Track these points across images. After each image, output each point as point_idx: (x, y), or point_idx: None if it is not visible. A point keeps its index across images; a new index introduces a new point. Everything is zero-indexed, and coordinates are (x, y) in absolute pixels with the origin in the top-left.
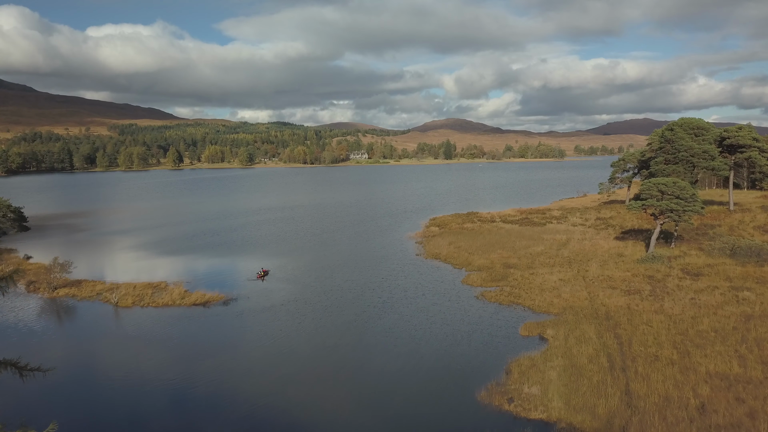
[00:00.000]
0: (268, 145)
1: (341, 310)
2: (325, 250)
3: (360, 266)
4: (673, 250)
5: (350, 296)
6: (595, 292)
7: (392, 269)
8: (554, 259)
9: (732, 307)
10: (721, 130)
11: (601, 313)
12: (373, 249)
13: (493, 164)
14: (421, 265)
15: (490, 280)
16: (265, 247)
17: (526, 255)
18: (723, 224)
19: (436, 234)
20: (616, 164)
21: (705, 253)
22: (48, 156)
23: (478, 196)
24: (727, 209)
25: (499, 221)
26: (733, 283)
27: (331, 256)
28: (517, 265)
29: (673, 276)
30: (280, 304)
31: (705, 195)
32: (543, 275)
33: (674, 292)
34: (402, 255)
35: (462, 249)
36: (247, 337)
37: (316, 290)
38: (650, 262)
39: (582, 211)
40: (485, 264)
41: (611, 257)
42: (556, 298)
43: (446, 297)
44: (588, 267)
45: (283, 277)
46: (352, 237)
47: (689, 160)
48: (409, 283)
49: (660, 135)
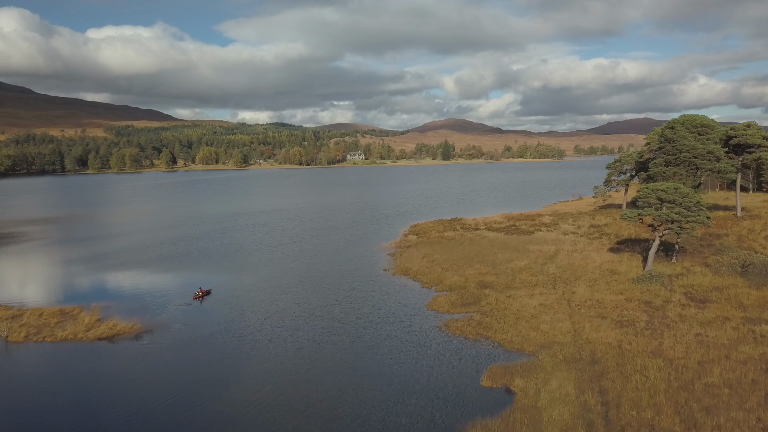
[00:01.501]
0: (264, 146)
1: (276, 344)
2: (284, 265)
3: (318, 284)
4: (675, 265)
5: (292, 325)
6: (580, 323)
7: (352, 288)
8: (537, 277)
9: (748, 347)
10: (728, 128)
11: (585, 354)
12: (339, 262)
13: (491, 165)
14: (387, 284)
15: (459, 304)
16: (220, 260)
17: (506, 271)
18: (730, 233)
19: (412, 244)
20: (612, 166)
21: (712, 271)
22: (39, 158)
23: (468, 199)
24: (734, 215)
25: (484, 229)
26: (747, 312)
27: (289, 272)
28: (495, 285)
29: (675, 302)
30: (204, 336)
31: (708, 198)
32: (522, 298)
33: (676, 324)
34: (368, 270)
35: (436, 263)
36: (146, 388)
37: (256, 316)
38: (648, 283)
39: (575, 217)
40: (458, 282)
41: (603, 275)
42: (533, 330)
43: (404, 327)
44: (575, 288)
45: (224, 298)
46: (321, 247)
47: (692, 161)
48: (365, 308)
49: (659, 134)
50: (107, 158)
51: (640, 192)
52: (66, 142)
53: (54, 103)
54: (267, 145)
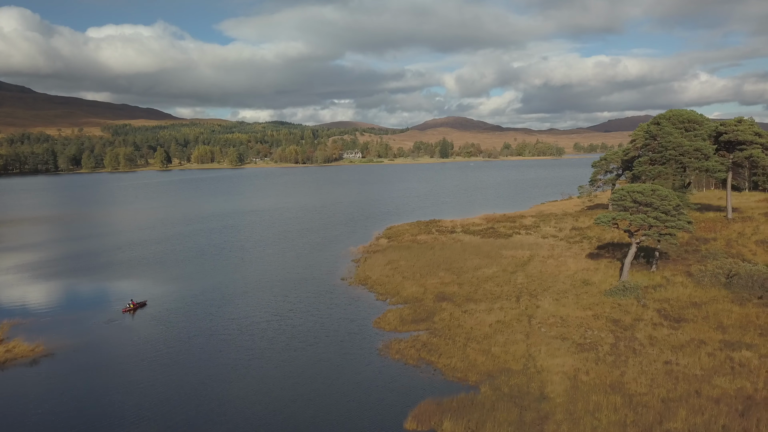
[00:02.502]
0: (261, 144)
1: (190, 371)
2: (238, 272)
3: (264, 295)
4: (654, 275)
5: (217, 346)
6: (537, 346)
7: (299, 300)
8: (502, 288)
9: (724, 379)
10: (717, 124)
11: (533, 388)
12: (297, 269)
13: (488, 163)
14: (339, 295)
15: (410, 320)
16: (172, 267)
17: (471, 280)
18: (719, 237)
19: (381, 249)
20: (597, 164)
21: (693, 281)
22: (31, 157)
23: (456, 198)
24: (725, 217)
25: (460, 232)
26: (727, 335)
27: (240, 280)
28: (454, 296)
29: (646, 320)
30: (112, 359)
31: (701, 198)
32: (479, 314)
33: (644, 348)
34: (325, 279)
35: (399, 271)
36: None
37: (181, 335)
38: (620, 296)
39: (559, 219)
40: (416, 294)
41: (574, 285)
42: (483, 354)
43: (341, 348)
44: (540, 301)
45: (157, 312)
46: (284, 252)
47: (678, 159)
48: (306, 325)
49: (645, 130)
50: (101, 157)
51: (615, 194)
52: (62, 142)
53: (52, 102)
54: (264, 144)
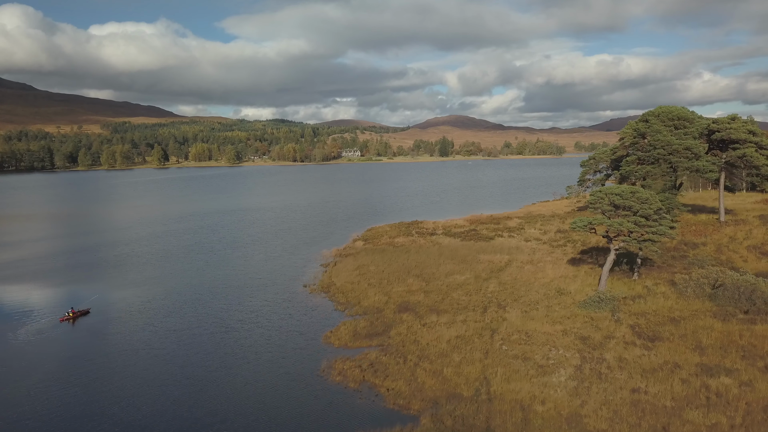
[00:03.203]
0: (260, 143)
1: (105, 389)
2: (197, 276)
3: (217, 303)
4: (635, 283)
5: (146, 361)
6: (494, 367)
7: (254, 310)
8: (471, 297)
9: (697, 413)
10: (710, 121)
11: (480, 420)
12: (260, 274)
13: (487, 162)
14: (297, 304)
15: (364, 335)
16: (130, 270)
17: (440, 288)
18: (709, 241)
19: (354, 252)
20: (586, 164)
21: (676, 292)
22: (27, 155)
23: (447, 198)
24: (717, 220)
25: (441, 234)
26: (705, 357)
27: (196, 286)
28: (418, 306)
29: (618, 338)
30: (20, 380)
31: (695, 199)
32: (439, 327)
33: (611, 372)
34: (287, 285)
35: (366, 277)
36: None
37: (114, 347)
38: (594, 308)
39: (546, 220)
40: (377, 303)
41: (548, 295)
42: (433, 377)
43: (281, 368)
44: (508, 312)
45: (95, 322)
46: (252, 255)
47: (667, 159)
48: (250, 339)
49: (633, 128)
50: (98, 155)
51: (592, 196)
52: (59, 139)
53: (53, 100)
54: (263, 142)
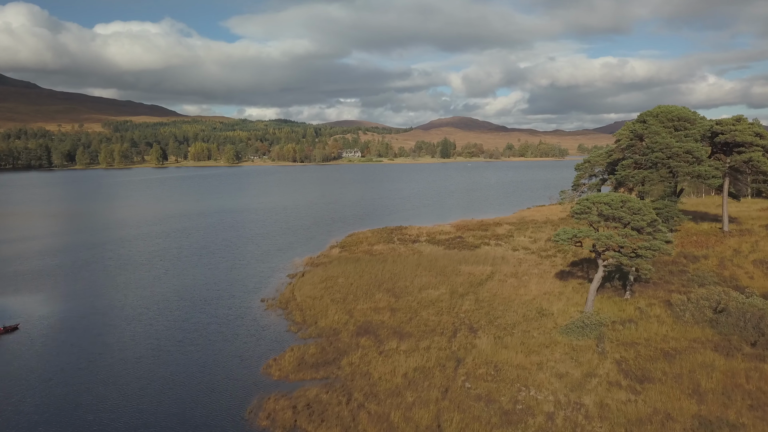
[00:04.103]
0: (260, 143)
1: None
2: (151, 288)
3: (160, 321)
4: (626, 303)
5: (58, 390)
6: (450, 412)
7: (198, 329)
8: (441, 318)
9: None
10: (713, 123)
11: None
12: (220, 286)
13: (488, 163)
14: (248, 323)
15: (310, 364)
16: (79, 279)
17: (410, 305)
18: (711, 254)
19: (327, 261)
20: (580, 167)
21: (673, 316)
22: (25, 153)
23: (439, 201)
24: (720, 229)
25: (424, 241)
26: (704, 406)
27: (145, 298)
28: (381, 328)
29: (601, 377)
30: None
31: (697, 205)
32: (398, 356)
33: (589, 423)
34: (244, 299)
35: (332, 291)
36: None
37: (33, 372)
38: (577, 335)
39: (537, 227)
40: (336, 323)
41: (527, 317)
42: (376, 424)
43: (205, 404)
44: (479, 338)
45: (24, 339)
46: (217, 263)
47: (666, 163)
48: (184, 363)
49: (630, 129)
50: (96, 154)
51: (578, 205)
52: (59, 137)
53: (56, 98)
54: (264, 142)
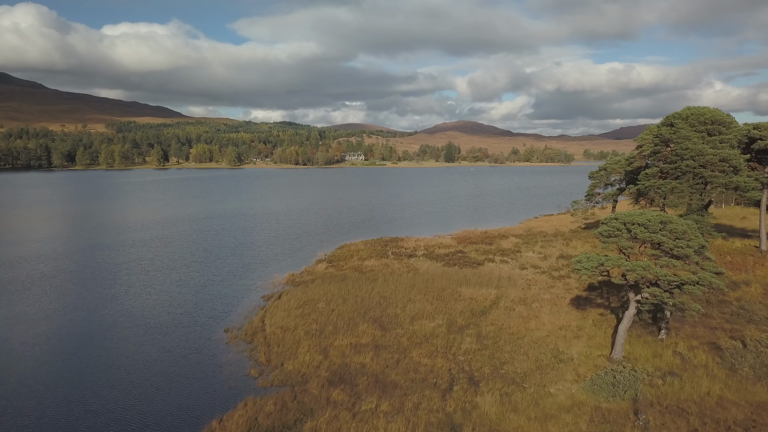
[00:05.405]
0: (263, 145)
1: None
2: (103, 308)
3: (102, 352)
4: (662, 346)
5: None
6: None
7: (141, 366)
8: (436, 360)
9: None
10: (750, 127)
11: None
12: (182, 308)
13: (492, 168)
14: (203, 360)
15: (264, 429)
16: (27, 297)
17: (399, 341)
18: (753, 279)
19: (310, 279)
20: (595, 175)
21: (725, 366)
22: (24, 153)
23: (441, 208)
24: (757, 248)
25: (422, 256)
26: None
27: (93, 323)
28: (360, 374)
29: None
30: None
31: (720, 217)
32: (377, 421)
33: None
34: (205, 327)
35: (308, 319)
36: None
37: None
38: (606, 394)
39: (547, 240)
40: (306, 367)
41: (540, 363)
42: None
43: None
44: (480, 396)
45: None
46: (190, 279)
47: (698, 172)
48: (103, 421)
49: (655, 133)
50: (97, 154)
51: (606, 226)
52: (60, 137)
53: (60, 98)
54: (267, 144)
